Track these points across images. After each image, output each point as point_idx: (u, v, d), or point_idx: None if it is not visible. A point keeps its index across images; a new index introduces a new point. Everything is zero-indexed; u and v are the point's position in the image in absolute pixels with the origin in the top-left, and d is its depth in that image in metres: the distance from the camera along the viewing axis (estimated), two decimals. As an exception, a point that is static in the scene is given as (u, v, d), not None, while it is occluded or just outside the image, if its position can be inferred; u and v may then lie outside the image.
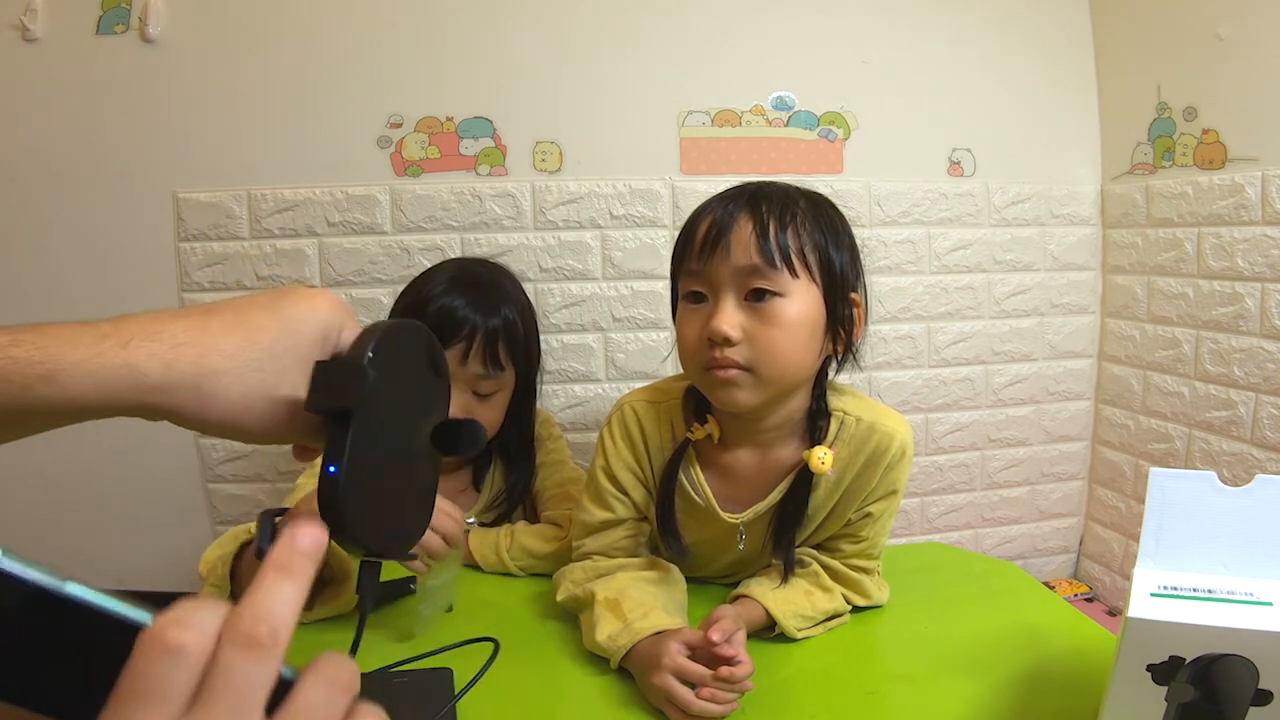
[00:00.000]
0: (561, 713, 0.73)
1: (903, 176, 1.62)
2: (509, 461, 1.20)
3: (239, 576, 0.83)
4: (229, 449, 1.50)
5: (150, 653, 0.26)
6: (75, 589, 0.27)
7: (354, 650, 0.39)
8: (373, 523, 0.39)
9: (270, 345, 0.39)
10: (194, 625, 0.27)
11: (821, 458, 0.81)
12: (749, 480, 0.87)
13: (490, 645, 0.66)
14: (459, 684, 0.70)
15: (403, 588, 0.90)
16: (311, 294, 0.42)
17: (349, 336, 0.43)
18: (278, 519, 0.37)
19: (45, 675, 0.27)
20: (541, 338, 1.46)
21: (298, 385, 0.40)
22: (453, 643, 0.73)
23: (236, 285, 1.46)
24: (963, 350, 1.69)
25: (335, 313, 0.42)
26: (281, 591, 0.29)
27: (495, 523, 1.16)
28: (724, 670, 0.68)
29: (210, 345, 0.38)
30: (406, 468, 0.42)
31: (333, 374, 0.39)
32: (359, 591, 0.40)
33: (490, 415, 1.12)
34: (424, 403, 0.44)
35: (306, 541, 0.31)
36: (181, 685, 0.26)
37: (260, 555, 0.31)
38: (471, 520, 1.15)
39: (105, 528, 1.52)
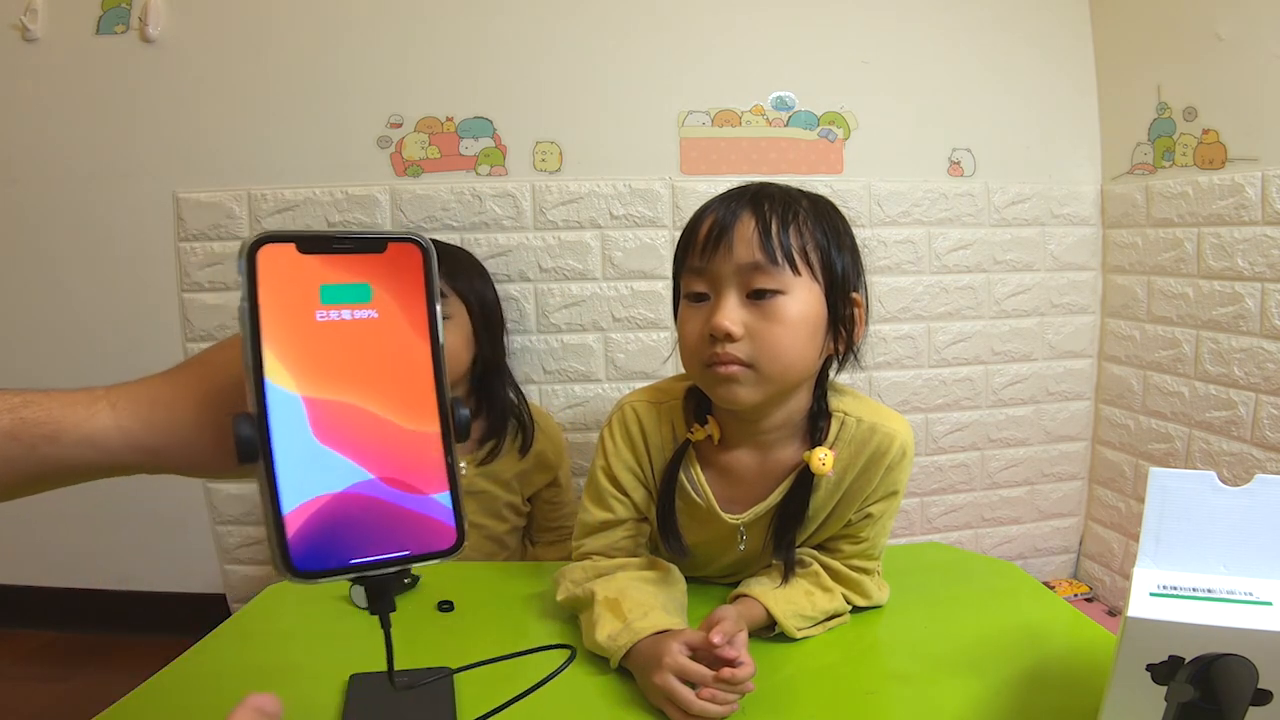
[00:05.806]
0: (561, 712, 0.73)
1: (903, 176, 1.62)
2: (490, 405, 1.31)
3: None
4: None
5: None
6: None
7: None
8: None
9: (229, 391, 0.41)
10: None
11: (822, 459, 0.81)
12: (749, 481, 0.87)
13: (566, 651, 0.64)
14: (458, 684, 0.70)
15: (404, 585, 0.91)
16: None
17: None
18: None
19: None
20: (541, 337, 1.47)
21: None
22: (527, 648, 0.68)
23: (236, 286, 1.46)
24: (963, 350, 1.69)
25: None
26: None
27: (489, 459, 1.26)
28: (725, 671, 0.68)
29: (179, 398, 0.41)
30: None
31: None
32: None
33: (449, 339, 1.28)
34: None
35: None
36: None
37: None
38: (463, 466, 1.20)
39: (105, 527, 1.52)
